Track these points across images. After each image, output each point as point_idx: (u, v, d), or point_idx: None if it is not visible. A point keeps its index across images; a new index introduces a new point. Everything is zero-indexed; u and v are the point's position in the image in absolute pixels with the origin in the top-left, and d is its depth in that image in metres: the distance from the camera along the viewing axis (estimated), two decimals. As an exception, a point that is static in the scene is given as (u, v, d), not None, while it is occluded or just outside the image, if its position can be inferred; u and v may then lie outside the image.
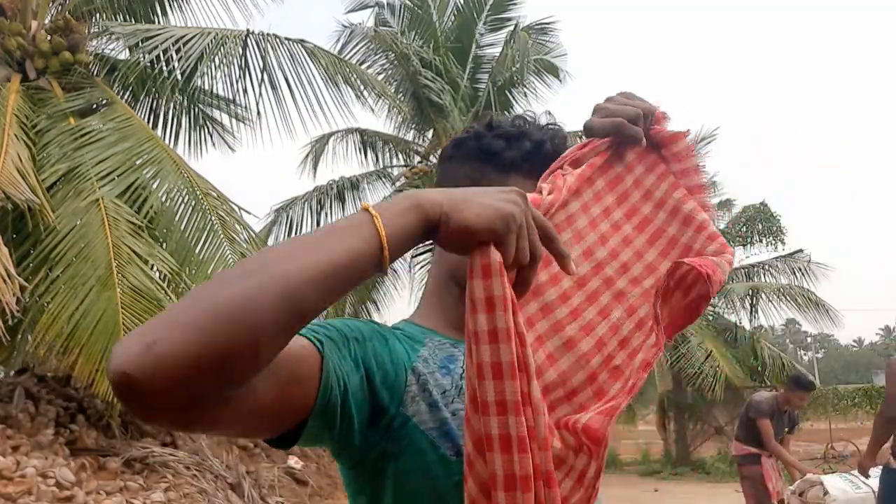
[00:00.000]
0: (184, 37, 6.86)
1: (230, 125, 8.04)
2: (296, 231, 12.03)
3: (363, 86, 8.09)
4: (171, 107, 7.78)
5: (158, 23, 7.88)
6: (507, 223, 0.71)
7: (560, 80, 12.77)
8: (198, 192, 6.21)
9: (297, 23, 13.67)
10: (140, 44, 6.88)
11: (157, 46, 6.73)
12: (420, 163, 12.73)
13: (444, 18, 12.20)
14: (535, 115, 1.01)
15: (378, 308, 12.51)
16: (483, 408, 0.70)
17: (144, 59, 6.97)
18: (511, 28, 11.87)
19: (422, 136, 12.96)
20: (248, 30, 7.32)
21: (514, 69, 11.34)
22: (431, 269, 1.04)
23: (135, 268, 5.38)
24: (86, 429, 6.09)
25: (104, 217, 5.52)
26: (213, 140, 8.00)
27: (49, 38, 6.89)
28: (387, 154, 12.90)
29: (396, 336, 0.90)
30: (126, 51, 7.51)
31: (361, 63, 11.30)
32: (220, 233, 6.11)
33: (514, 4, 12.33)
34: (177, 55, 7.05)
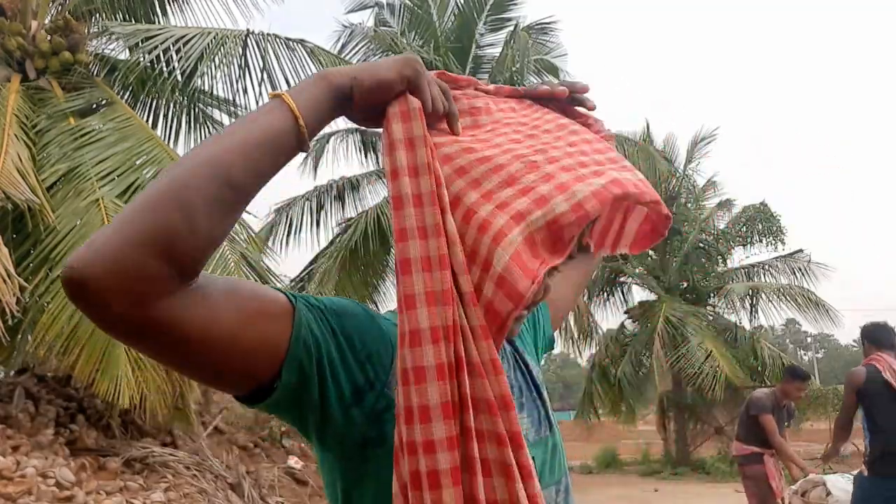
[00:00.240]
0: (184, 37, 6.86)
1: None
2: (296, 231, 12.04)
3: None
4: (171, 107, 7.78)
5: (158, 23, 7.87)
6: (416, 69, 0.79)
7: (560, 81, 12.78)
8: (198, 192, 6.18)
9: (298, 23, 13.68)
10: (140, 44, 6.87)
11: (157, 46, 6.72)
12: (420, 163, 12.73)
13: (445, 18, 12.19)
14: None
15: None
16: (400, 235, 0.75)
17: (144, 59, 6.96)
18: (511, 28, 11.88)
19: (422, 136, 12.95)
20: (248, 30, 7.31)
21: (515, 69, 11.34)
22: None
23: (135, 268, 5.35)
24: (86, 429, 6.09)
25: (104, 217, 5.52)
26: (213, 140, 8.00)
27: (49, 38, 6.89)
28: (387, 154, 12.88)
29: (386, 318, 0.89)
30: (126, 51, 7.50)
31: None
32: (220, 233, 6.08)
33: (514, 4, 12.33)
34: (177, 55, 7.04)
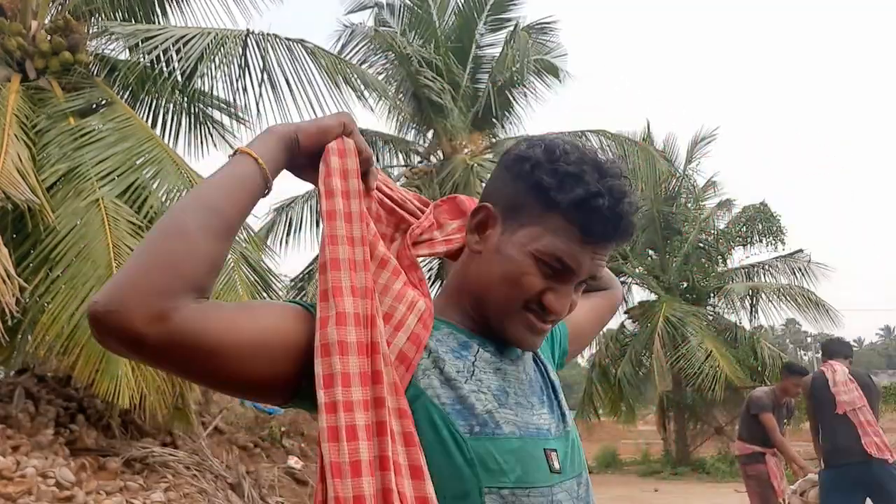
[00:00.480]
0: (184, 37, 6.85)
1: (230, 125, 8.02)
2: (295, 231, 12.04)
3: (363, 86, 8.07)
4: (171, 107, 7.77)
5: (158, 23, 7.87)
6: (351, 119, 0.95)
7: (560, 80, 12.78)
8: (198, 192, 6.18)
9: (298, 23, 13.68)
10: (140, 44, 6.86)
11: (157, 46, 6.71)
12: (420, 163, 12.71)
13: (445, 18, 12.19)
14: (611, 158, 0.96)
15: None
16: (331, 240, 0.88)
17: (144, 60, 6.96)
18: (511, 28, 11.87)
19: (422, 137, 12.94)
20: (248, 30, 7.30)
21: (515, 69, 11.34)
22: (454, 271, 1.05)
23: (135, 268, 5.35)
24: (86, 429, 6.09)
25: (104, 217, 5.51)
26: (214, 140, 7.98)
27: (49, 39, 6.88)
28: (387, 154, 12.85)
29: None
30: (126, 51, 7.49)
31: (361, 63, 11.29)
32: (220, 232, 6.07)
33: (514, 4, 12.34)
34: (177, 55, 7.04)
